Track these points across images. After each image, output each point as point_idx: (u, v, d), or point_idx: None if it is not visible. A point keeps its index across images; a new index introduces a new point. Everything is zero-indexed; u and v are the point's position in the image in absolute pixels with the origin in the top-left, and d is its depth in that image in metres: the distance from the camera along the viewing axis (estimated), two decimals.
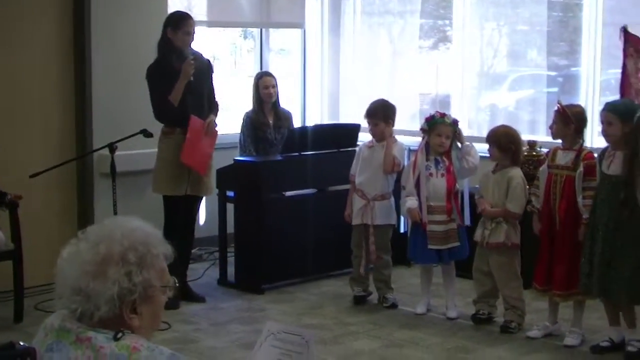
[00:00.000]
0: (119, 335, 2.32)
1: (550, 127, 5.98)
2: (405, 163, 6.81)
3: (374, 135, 6.72)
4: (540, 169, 6.03)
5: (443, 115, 6.44)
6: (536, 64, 8.10)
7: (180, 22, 6.60)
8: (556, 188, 5.84)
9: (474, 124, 8.21)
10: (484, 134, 6.55)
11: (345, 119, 8.87)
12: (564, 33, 7.80)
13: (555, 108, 5.91)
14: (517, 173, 6.16)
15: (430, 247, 6.40)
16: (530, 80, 8.24)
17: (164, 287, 2.48)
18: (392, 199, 6.78)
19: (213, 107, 6.81)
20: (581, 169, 5.74)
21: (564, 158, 5.85)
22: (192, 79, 6.52)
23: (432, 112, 6.54)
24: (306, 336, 2.82)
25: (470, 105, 8.37)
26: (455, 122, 6.42)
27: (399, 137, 6.87)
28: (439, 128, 6.38)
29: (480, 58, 8.40)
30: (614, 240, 5.53)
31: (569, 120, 5.78)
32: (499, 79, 8.43)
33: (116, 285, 2.34)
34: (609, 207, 5.55)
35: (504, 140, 6.14)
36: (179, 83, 6.49)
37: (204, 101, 6.70)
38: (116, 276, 2.35)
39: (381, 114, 6.67)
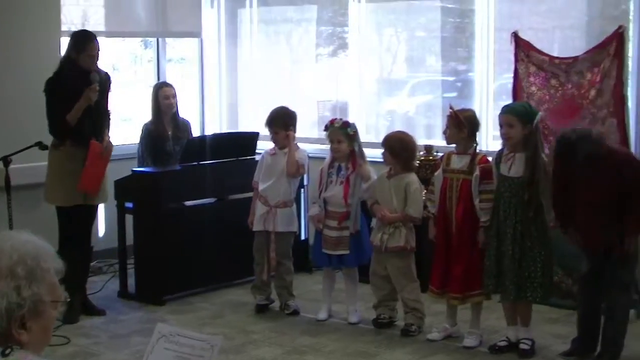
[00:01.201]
0: (7, 351, 2.27)
1: (444, 132, 6.07)
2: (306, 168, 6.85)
3: (275, 142, 6.73)
4: (435, 174, 6.12)
5: (333, 121, 6.48)
6: (434, 70, 8.21)
7: (84, 45, 6.42)
8: (452, 192, 5.93)
9: (372, 129, 8.28)
10: None
11: (244, 127, 8.86)
12: (459, 39, 7.92)
13: (448, 113, 6.00)
14: (413, 178, 6.25)
15: (323, 250, 6.49)
16: (428, 86, 8.35)
17: (55, 302, 2.43)
18: (294, 206, 6.81)
19: (106, 121, 6.70)
20: (477, 172, 5.84)
21: (459, 162, 5.94)
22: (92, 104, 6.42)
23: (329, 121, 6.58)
24: (212, 341, 2.81)
25: (370, 111, 8.44)
26: (345, 125, 6.45)
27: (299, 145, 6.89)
28: (330, 135, 6.44)
29: (379, 64, 8.48)
30: (522, 240, 5.65)
31: (461, 125, 5.88)
32: (398, 85, 8.52)
33: (4, 300, 2.29)
34: (514, 208, 5.66)
35: (397, 147, 6.23)
36: (79, 105, 6.34)
37: (101, 119, 6.59)
38: (4, 290, 2.30)
39: (281, 121, 6.69)
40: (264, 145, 7.57)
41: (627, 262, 5.50)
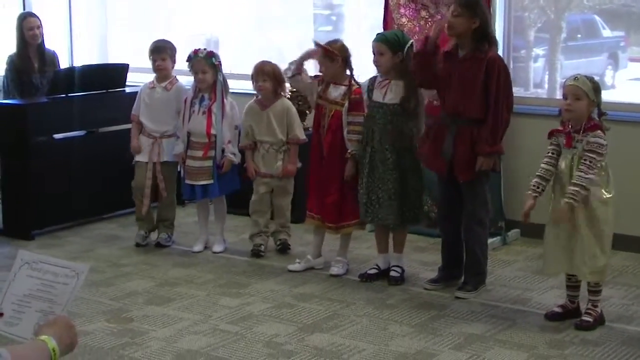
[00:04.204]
0: None
1: (320, 71, 6.04)
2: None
3: (160, 70, 6.63)
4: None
5: (197, 52, 6.42)
6: (308, 3, 8.14)
7: None
8: (324, 121, 5.96)
9: (246, 64, 8.19)
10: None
11: (114, 59, 8.69)
12: None
13: (314, 50, 5.98)
14: (289, 102, 6.37)
15: (186, 182, 6.52)
16: (302, 20, 8.27)
17: None
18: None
19: None
20: (347, 103, 5.88)
21: (335, 92, 5.96)
22: None
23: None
24: (79, 268, 2.77)
25: (243, 46, 8.36)
26: (210, 54, 6.40)
27: None
28: (195, 65, 6.39)
29: None
30: (398, 168, 5.71)
31: (333, 55, 5.89)
32: (271, 20, 8.44)
33: None
34: (388, 135, 5.71)
35: (277, 74, 6.28)
36: None
37: None
38: None
39: (169, 50, 6.65)
40: (133, 78, 7.48)
41: (477, 195, 5.54)
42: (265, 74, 6.29)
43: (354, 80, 5.96)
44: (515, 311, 5.37)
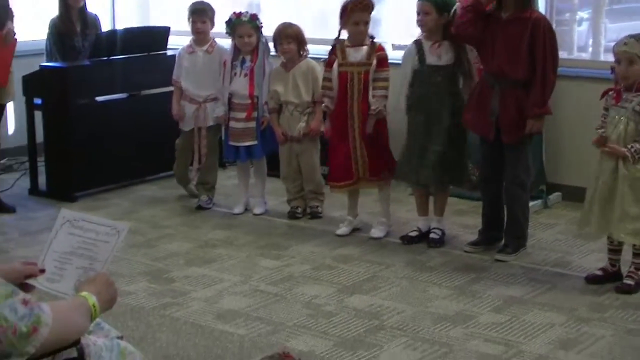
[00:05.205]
0: None
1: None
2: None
3: (199, 33, 6.64)
4: (333, 67, 6.01)
5: (239, 15, 6.41)
6: None
7: None
8: (354, 85, 5.92)
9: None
10: None
11: (155, 22, 8.71)
12: None
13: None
14: (314, 62, 6.35)
15: (230, 143, 6.53)
16: None
17: None
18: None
19: (8, 14, 6.51)
20: (375, 61, 5.86)
21: (356, 54, 5.93)
22: None
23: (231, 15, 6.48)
24: (119, 227, 2.81)
25: (281, 9, 8.34)
26: (254, 17, 6.41)
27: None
28: (239, 29, 6.37)
29: None
30: (447, 130, 5.69)
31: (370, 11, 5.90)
32: None
33: None
34: (446, 97, 5.69)
35: (300, 36, 6.31)
36: None
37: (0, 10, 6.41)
38: None
39: (209, 12, 6.67)
40: (174, 41, 7.49)
41: (520, 157, 5.51)
42: (289, 36, 6.29)
43: (373, 38, 5.96)
44: (555, 274, 5.36)
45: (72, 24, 7.57)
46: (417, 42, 5.81)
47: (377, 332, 4.57)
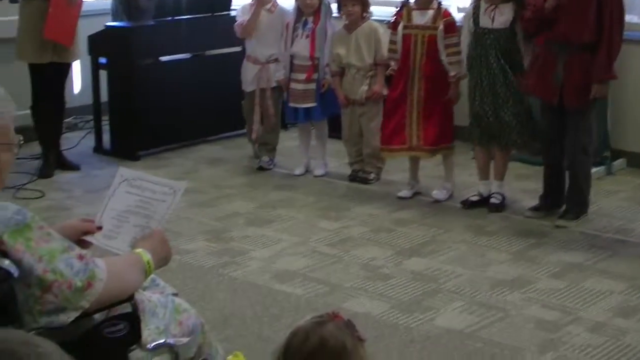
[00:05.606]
0: None
1: None
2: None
3: None
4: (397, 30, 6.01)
5: None
6: None
7: None
8: (417, 48, 5.89)
9: None
10: None
11: None
12: None
13: None
14: (377, 24, 6.30)
15: (290, 104, 6.55)
16: None
17: (6, 144, 2.42)
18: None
19: None
20: (441, 27, 5.82)
21: (422, 18, 5.89)
22: None
23: None
24: (176, 186, 2.84)
25: None
26: None
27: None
28: None
29: None
30: (506, 93, 5.65)
31: None
32: None
33: None
34: (503, 59, 5.63)
35: None
36: None
37: None
38: None
39: None
40: (238, 2, 7.49)
41: (583, 123, 5.44)
42: None
43: (440, 2, 5.92)
44: (616, 241, 5.29)
45: None
46: (475, 4, 5.76)
47: (434, 295, 4.57)
